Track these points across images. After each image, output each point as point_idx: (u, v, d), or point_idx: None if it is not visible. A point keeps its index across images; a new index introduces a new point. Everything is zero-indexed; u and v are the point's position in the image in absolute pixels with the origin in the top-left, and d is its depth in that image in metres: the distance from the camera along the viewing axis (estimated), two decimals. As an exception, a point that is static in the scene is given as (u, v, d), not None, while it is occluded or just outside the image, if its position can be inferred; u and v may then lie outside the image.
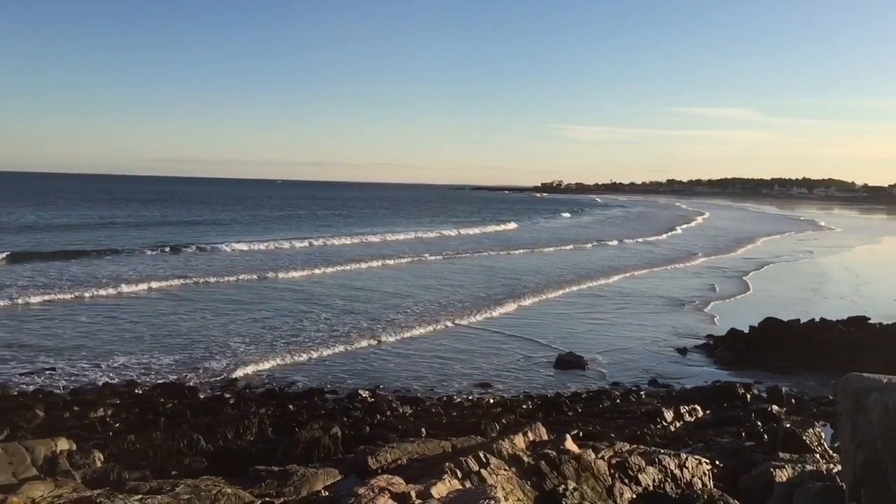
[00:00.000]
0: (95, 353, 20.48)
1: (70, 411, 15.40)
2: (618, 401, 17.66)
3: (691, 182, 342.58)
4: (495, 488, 6.60)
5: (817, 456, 10.59)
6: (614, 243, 62.30)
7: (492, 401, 17.36)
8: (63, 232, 57.89)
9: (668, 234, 74.23)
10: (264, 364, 19.91)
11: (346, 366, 20.35)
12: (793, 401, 17.92)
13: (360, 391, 17.61)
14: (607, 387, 19.17)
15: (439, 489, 6.55)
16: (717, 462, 10.35)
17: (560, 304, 31.11)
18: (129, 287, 30.96)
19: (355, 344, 22.41)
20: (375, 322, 25.54)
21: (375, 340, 22.92)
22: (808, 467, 9.25)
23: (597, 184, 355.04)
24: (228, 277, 34.95)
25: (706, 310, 30.43)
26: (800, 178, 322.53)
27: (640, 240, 66.43)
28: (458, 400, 17.43)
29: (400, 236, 63.47)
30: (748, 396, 17.92)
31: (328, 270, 38.88)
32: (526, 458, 7.93)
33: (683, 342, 24.20)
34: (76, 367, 19.09)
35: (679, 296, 33.56)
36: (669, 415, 15.78)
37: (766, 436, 13.44)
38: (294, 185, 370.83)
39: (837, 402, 6.33)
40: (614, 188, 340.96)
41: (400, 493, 6.28)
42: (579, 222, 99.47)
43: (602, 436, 13.07)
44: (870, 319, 23.95)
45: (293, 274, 37.24)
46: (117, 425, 14.68)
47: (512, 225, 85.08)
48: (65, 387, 17.47)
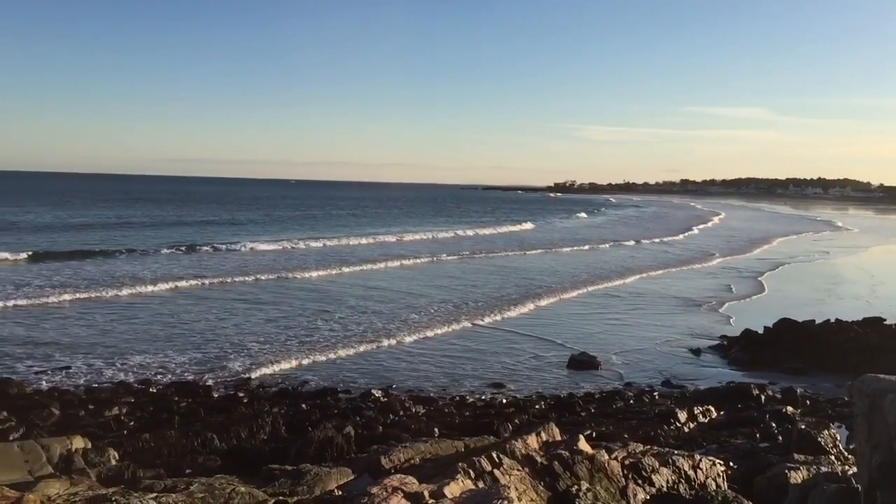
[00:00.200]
0: (111, 351, 20.62)
1: (85, 409, 15.52)
2: (631, 401, 17.61)
3: (705, 182, 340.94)
4: (508, 488, 6.60)
5: (832, 458, 10.50)
6: (630, 244, 62.09)
7: (504, 401, 17.34)
8: (79, 231, 58.30)
9: (684, 234, 73.90)
10: (278, 363, 19.97)
11: (360, 365, 20.38)
12: (808, 402, 17.80)
13: (372, 391, 17.64)
14: (621, 387, 19.12)
15: (452, 489, 6.54)
16: (732, 463, 10.30)
17: (575, 305, 31.05)
18: (145, 286, 31.15)
19: (369, 344, 22.44)
20: (390, 322, 25.58)
21: (390, 340, 22.93)
22: (824, 469, 9.19)
23: (610, 184, 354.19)
24: (244, 277, 35.07)
25: (721, 310, 30.29)
26: (815, 177, 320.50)
27: (656, 240, 66.16)
28: (471, 400, 17.42)
29: (415, 236, 63.50)
30: (762, 397, 17.81)
31: (344, 270, 38.92)
32: (539, 459, 7.92)
33: (698, 343, 24.11)
34: (91, 365, 19.22)
35: (695, 296, 33.42)
36: (683, 415, 15.73)
37: (780, 437, 13.37)
38: (307, 184, 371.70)
39: (853, 404, 6.29)
40: (628, 188, 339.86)
41: (413, 493, 6.28)
42: (595, 222, 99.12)
43: (615, 436, 13.05)
44: (886, 320, 23.71)
45: (309, 274, 37.30)
46: (132, 424, 14.78)
47: (528, 225, 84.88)
48: (80, 385, 17.60)
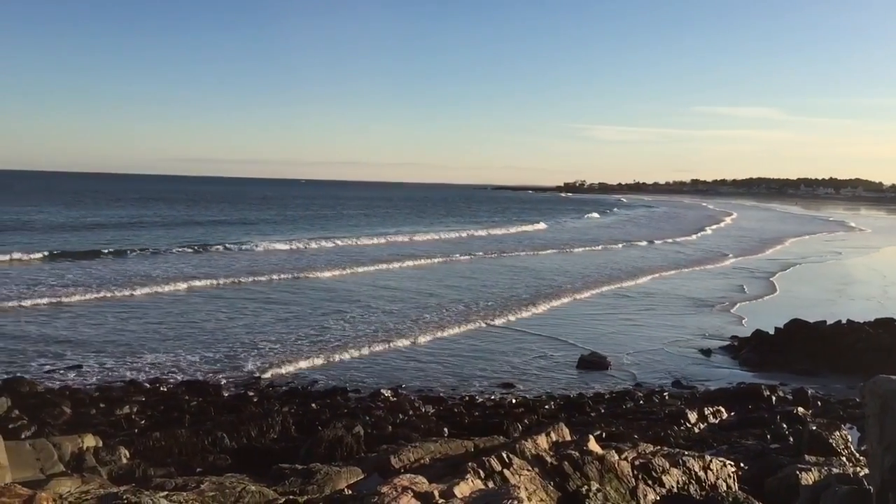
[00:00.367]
0: (122, 350, 20.71)
1: (96, 408, 15.59)
2: (641, 402, 17.57)
3: (715, 182, 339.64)
4: (518, 488, 6.59)
5: (844, 459, 10.45)
6: (643, 244, 61.98)
7: (514, 401, 17.33)
8: (92, 231, 58.60)
9: (697, 234, 73.69)
10: (288, 363, 20.01)
11: (370, 365, 20.40)
12: (819, 403, 17.71)
13: (382, 390, 17.66)
14: (631, 387, 19.07)
15: (462, 489, 6.54)
16: (742, 464, 10.26)
17: (587, 305, 31.01)
18: (157, 286, 31.24)
19: (380, 343, 22.44)
20: (401, 322, 25.60)
21: (401, 340, 22.92)
22: (835, 470, 9.14)
23: (620, 183, 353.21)
24: (255, 277, 35.12)
25: (733, 311, 30.19)
26: (826, 177, 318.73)
27: (669, 240, 65.98)
28: (481, 400, 17.42)
29: (428, 236, 63.50)
30: (773, 398, 17.73)
31: (356, 270, 38.89)
32: (549, 459, 7.91)
33: (708, 343, 24.03)
34: (103, 364, 19.30)
35: (707, 296, 33.32)
36: (693, 416, 15.69)
37: (791, 438, 13.32)
38: (316, 184, 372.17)
39: (865, 405, 6.26)
40: (638, 188, 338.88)
41: (423, 493, 6.28)
42: (607, 222, 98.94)
43: (625, 437, 13.01)
44: (898, 321, 23.58)
45: (321, 273, 37.33)
46: (143, 422, 14.84)
47: (541, 225, 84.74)
48: (91, 384, 17.67)
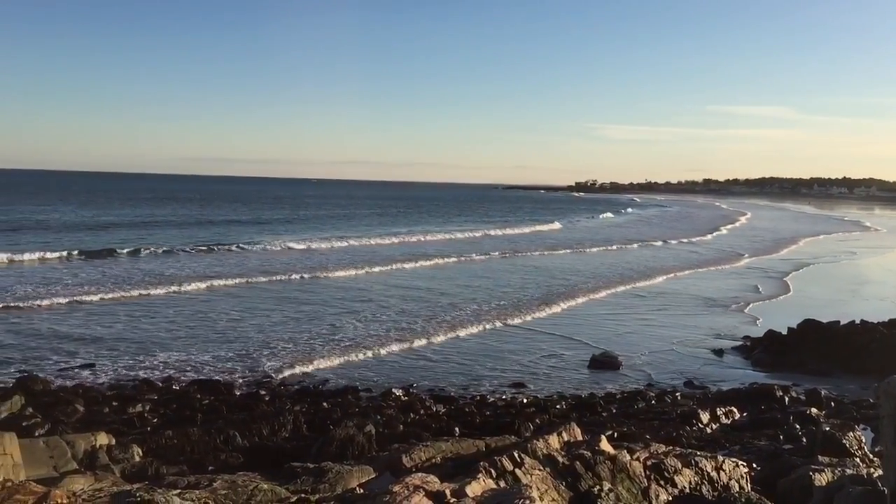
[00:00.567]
0: (135, 349, 20.82)
1: (109, 406, 15.67)
2: (653, 402, 17.51)
3: (728, 182, 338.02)
4: (530, 488, 6.58)
5: (857, 460, 10.38)
6: (658, 244, 61.90)
7: (525, 400, 17.31)
8: (106, 230, 58.87)
9: (712, 234, 73.50)
10: (300, 361, 20.06)
11: (381, 364, 20.44)
12: (832, 404, 17.60)
13: (393, 389, 17.68)
14: (642, 387, 19.02)
15: (474, 488, 6.54)
16: (755, 465, 10.22)
17: (602, 305, 30.98)
18: (170, 285, 31.36)
19: (392, 343, 22.47)
20: (414, 321, 25.63)
21: (415, 340, 22.93)
22: (849, 471, 9.09)
23: (631, 183, 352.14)
24: (268, 276, 35.21)
25: (747, 311, 30.11)
26: (840, 177, 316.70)
27: (684, 240, 65.87)
28: (492, 399, 17.41)
29: (444, 236, 63.56)
30: (786, 399, 17.64)
31: (370, 270, 38.90)
32: (560, 459, 7.90)
33: (721, 343, 23.94)
34: (116, 362, 19.40)
35: (721, 297, 33.23)
36: (705, 416, 15.62)
37: (804, 439, 13.25)
38: (327, 183, 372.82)
39: (879, 406, 6.22)
40: (649, 187, 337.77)
41: (434, 492, 6.28)
42: (621, 222, 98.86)
43: (637, 437, 12.98)
44: (912, 321, 23.44)
45: (334, 273, 37.39)
46: (155, 421, 14.91)
47: (556, 225, 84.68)
48: (104, 382, 17.77)
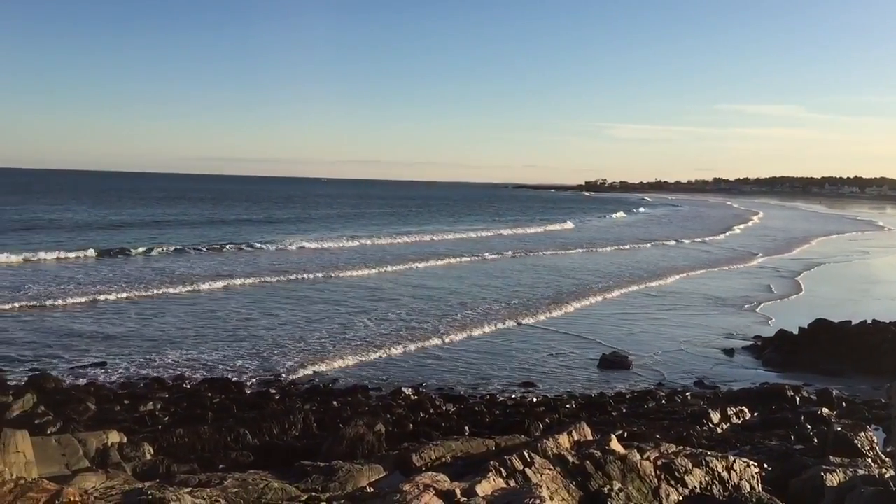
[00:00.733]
0: (146, 347, 20.91)
1: (120, 404, 15.74)
2: (663, 401, 17.47)
3: (738, 181, 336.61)
4: (540, 487, 6.58)
5: (869, 460, 10.34)
6: (671, 243, 61.78)
7: (535, 400, 17.31)
8: (118, 229, 59.05)
9: (725, 234, 73.27)
10: (311, 360, 20.10)
11: (392, 363, 20.47)
12: (844, 404, 17.49)
13: (403, 388, 17.70)
14: (653, 387, 18.98)
15: (484, 487, 6.55)
16: (766, 465, 10.18)
17: (615, 304, 30.94)
18: (181, 285, 31.44)
19: (403, 342, 22.48)
20: (425, 320, 25.64)
21: (424, 339, 22.92)
22: (860, 472, 9.05)
23: (641, 182, 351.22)
24: (280, 275, 35.24)
25: (760, 310, 30.00)
26: (851, 176, 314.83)
27: (697, 240, 65.72)
28: (502, 399, 17.41)
29: (455, 235, 63.51)
30: (797, 399, 17.55)
31: (383, 270, 38.88)
32: (571, 458, 7.89)
33: (732, 343, 23.86)
34: (127, 361, 19.49)
35: (734, 296, 33.12)
36: (716, 416, 15.56)
37: (815, 439, 13.19)
38: (338, 182, 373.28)
39: (891, 406, 6.21)
40: (659, 186, 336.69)
41: (444, 491, 6.29)
42: (633, 221, 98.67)
43: (647, 436, 12.95)
44: (924, 321, 23.29)
45: (346, 273, 37.38)
46: (166, 419, 14.98)
47: (568, 224, 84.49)
48: (116, 381, 17.86)
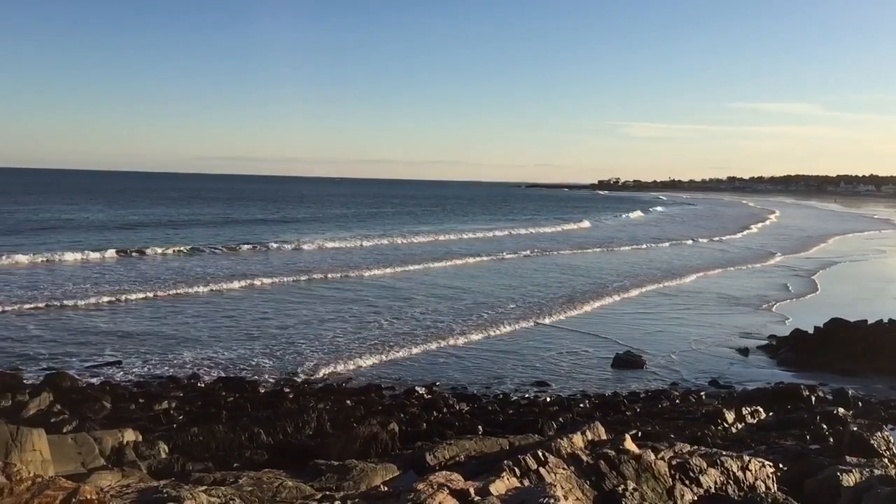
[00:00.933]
0: (162, 346, 21.01)
1: (136, 403, 15.82)
2: (677, 401, 17.39)
3: (753, 179, 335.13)
4: (554, 487, 6.57)
5: (885, 461, 10.27)
6: (689, 242, 61.66)
7: (548, 399, 17.28)
8: (133, 230, 59.28)
9: (742, 233, 73.01)
10: (325, 359, 20.14)
11: (406, 362, 20.48)
12: (860, 404, 17.36)
13: (416, 387, 17.71)
14: (667, 386, 18.91)
15: (498, 486, 6.54)
16: (781, 465, 10.13)
17: (630, 304, 30.86)
18: (198, 284, 31.53)
19: (418, 341, 22.48)
20: (441, 319, 25.66)
21: (439, 338, 22.90)
22: (877, 472, 8.99)
23: (655, 181, 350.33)
24: (297, 275, 35.26)
25: (776, 310, 29.85)
26: (867, 174, 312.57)
27: (714, 239, 65.54)
28: (515, 398, 17.39)
29: (471, 234, 63.46)
30: (813, 398, 17.44)
31: (399, 269, 38.81)
32: (585, 458, 7.88)
33: (747, 343, 23.74)
34: (142, 360, 19.59)
35: (750, 295, 32.97)
36: (731, 416, 15.48)
37: (831, 439, 13.11)
38: (351, 182, 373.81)
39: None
40: (673, 185, 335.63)
41: (459, 490, 6.29)
42: (649, 220, 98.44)
43: (661, 436, 12.92)
44: (942, 320, 23.07)
45: (364, 272, 37.40)
46: (181, 417, 15.03)
47: (585, 223, 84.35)
48: (131, 379, 17.96)
